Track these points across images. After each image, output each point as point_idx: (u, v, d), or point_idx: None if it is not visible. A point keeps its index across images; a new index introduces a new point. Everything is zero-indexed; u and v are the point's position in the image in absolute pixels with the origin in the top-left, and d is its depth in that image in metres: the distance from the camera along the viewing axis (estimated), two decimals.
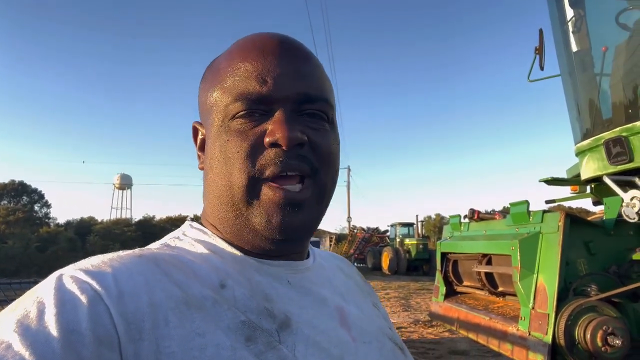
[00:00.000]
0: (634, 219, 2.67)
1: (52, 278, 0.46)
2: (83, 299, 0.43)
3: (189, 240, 0.59)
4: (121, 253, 0.52)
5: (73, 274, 0.46)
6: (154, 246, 0.58)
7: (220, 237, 0.59)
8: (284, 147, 0.52)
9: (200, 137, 0.63)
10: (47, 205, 36.79)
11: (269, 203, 0.53)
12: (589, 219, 3.45)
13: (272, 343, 0.49)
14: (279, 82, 0.54)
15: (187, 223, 0.63)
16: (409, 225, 23.18)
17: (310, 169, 0.55)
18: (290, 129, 0.52)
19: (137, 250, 0.53)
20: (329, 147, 0.57)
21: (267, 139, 0.53)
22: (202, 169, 0.62)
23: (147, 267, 0.49)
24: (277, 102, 0.54)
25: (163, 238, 0.61)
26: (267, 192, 0.53)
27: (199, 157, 0.63)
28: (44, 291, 0.44)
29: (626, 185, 2.93)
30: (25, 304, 0.43)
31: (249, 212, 0.54)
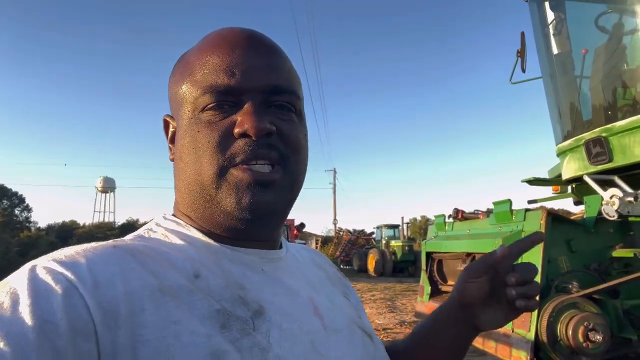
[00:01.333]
0: (614, 216, 2.73)
1: (24, 269, 0.45)
2: (57, 289, 0.42)
3: (163, 231, 0.59)
4: (95, 244, 0.51)
5: (46, 265, 0.45)
6: (128, 238, 0.58)
7: (194, 227, 0.59)
8: (253, 137, 0.53)
9: (171, 129, 0.64)
10: (27, 209, 36.12)
11: (239, 183, 0.54)
12: (572, 217, 3.52)
13: (247, 330, 0.49)
14: (247, 74, 0.55)
15: (159, 214, 0.63)
16: (394, 227, 23.27)
17: (279, 156, 0.56)
18: (258, 119, 0.53)
19: (110, 242, 0.53)
20: (297, 137, 0.59)
21: (236, 130, 0.54)
22: (172, 160, 0.62)
23: (121, 257, 0.49)
24: (246, 94, 0.55)
25: (137, 230, 0.61)
26: (237, 174, 0.54)
27: (169, 149, 0.64)
28: (17, 282, 0.43)
29: (606, 184, 2.99)
30: None
31: (218, 195, 0.55)
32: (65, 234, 29.30)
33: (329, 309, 0.62)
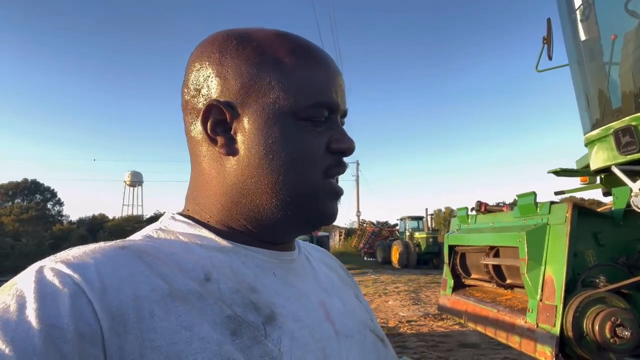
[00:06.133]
0: None
1: (31, 270, 0.45)
2: (64, 292, 0.42)
3: (172, 231, 0.58)
4: (103, 244, 0.51)
5: (54, 267, 0.44)
6: (136, 237, 0.57)
7: (206, 227, 0.58)
8: (346, 155, 0.61)
9: (218, 117, 0.57)
10: (59, 203, 37.28)
11: (332, 194, 0.60)
12: (599, 209, 3.41)
13: (258, 337, 0.49)
14: (340, 96, 0.61)
15: (168, 214, 0.62)
16: (418, 218, 23.10)
17: None
18: (351, 140, 0.60)
19: (119, 242, 0.52)
20: None
21: (334, 146, 0.59)
22: (226, 153, 0.57)
23: (130, 259, 0.48)
24: (336, 113, 0.60)
25: (144, 229, 0.60)
26: (331, 185, 0.60)
27: (212, 140, 0.57)
28: (23, 284, 0.43)
29: (636, 175, 2.89)
30: (4, 298, 0.42)
31: (309, 205, 0.58)
32: (95, 227, 30.07)
33: (341, 313, 0.62)
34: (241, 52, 0.56)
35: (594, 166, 3.43)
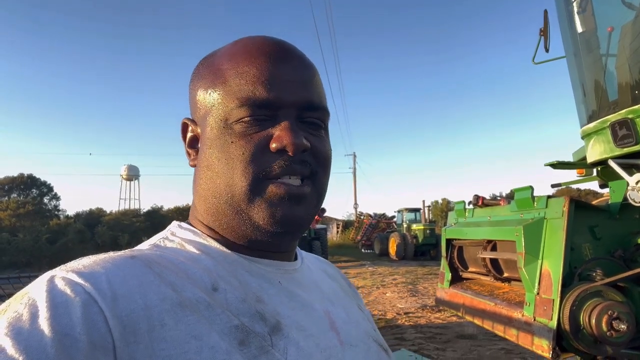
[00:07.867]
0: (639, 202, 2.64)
1: (43, 279, 0.45)
2: (76, 301, 0.42)
3: (179, 240, 0.59)
4: (112, 254, 0.51)
5: (65, 276, 0.45)
6: (143, 247, 0.58)
7: (211, 237, 0.59)
8: (290, 153, 0.54)
9: (190, 134, 0.63)
10: (56, 197, 37.07)
11: (273, 197, 0.55)
12: (595, 202, 3.43)
13: (265, 347, 0.49)
14: (285, 89, 0.55)
15: (175, 223, 0.63)
16: (415, 210, 23.18)
17: (310, 172, 0.57)
18: (296, 135, 0.54)
19: (128, 252, 0.53)
20: (327, 153, 0.60)
21: (273, 145, 0.54)
22: (194, 166, 0.62)
23: (140, 268, 0.49)
24: (282, 108, 0.55)
25: (151, 238, 0.61)
26: (271, 188, 0.55)
27: (188, 154, 0.64)
28: (35, 293, 0.43)
29: (632, 168, 2.90)
30: (17, 307, 0.42)
31: (250, 209, 0.55)
32: (92, 221, 29.91)
33: (346, 322, 0.62)
34: (201, 76, 0.61)
35: (590, 159, 3.44)
